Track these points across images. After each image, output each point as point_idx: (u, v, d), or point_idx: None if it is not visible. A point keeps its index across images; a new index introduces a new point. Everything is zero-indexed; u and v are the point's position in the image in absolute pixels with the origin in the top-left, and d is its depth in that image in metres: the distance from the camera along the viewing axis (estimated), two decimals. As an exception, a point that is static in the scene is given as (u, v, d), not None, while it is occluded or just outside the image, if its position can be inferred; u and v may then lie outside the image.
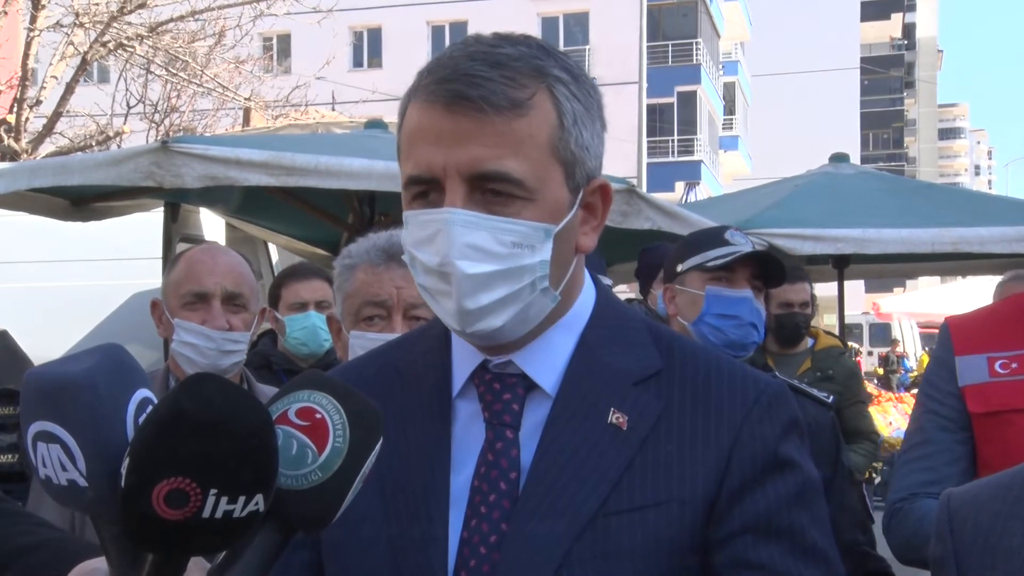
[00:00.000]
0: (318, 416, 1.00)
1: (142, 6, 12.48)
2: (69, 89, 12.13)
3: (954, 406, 2.03)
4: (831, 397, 2.83)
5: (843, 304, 7.64)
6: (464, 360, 1.34)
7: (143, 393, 0.99)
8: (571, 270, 1.31)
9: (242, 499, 0.91)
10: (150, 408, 0.95)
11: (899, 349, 25.99)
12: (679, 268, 2.80)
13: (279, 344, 4.08)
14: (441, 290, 1.24)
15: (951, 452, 2.03)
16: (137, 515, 0.90)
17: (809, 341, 5.14)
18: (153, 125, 14.34)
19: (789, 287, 4.84)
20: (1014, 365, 2.00)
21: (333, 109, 16.93)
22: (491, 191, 1.22)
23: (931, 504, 2.00)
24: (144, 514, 0.90)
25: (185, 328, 2.44)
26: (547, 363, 1.31)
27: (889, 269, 9.16)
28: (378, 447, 1.03)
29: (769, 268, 2.76)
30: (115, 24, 12.34)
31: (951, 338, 2.09)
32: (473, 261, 1.21)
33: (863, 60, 53.16)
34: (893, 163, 59.03)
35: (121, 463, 0.92)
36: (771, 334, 4.96)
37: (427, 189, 1.24)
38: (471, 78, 1.20)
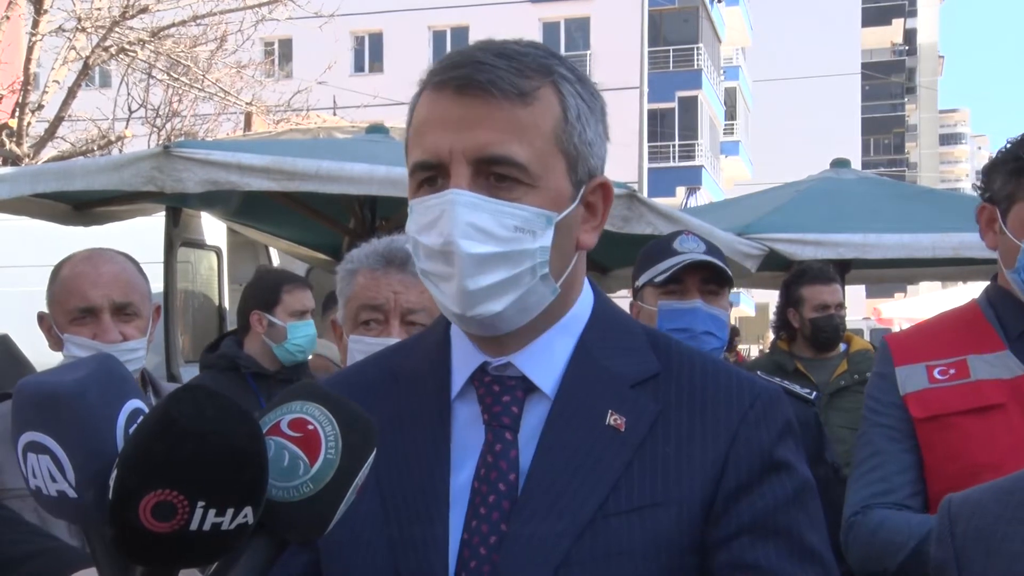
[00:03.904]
0: (310, 427, 0.99)
1: (144, 11, 12.49)
2: (71, 94, 12.13)
3: (898, 416, 2.08)
4: (814, 394, 2.80)
5: (844, 309, 7.62)
6: (463, 362, 1.35)
7: (134, 404, 0.98)
8: (571, 265, 1.33)
9: (230, 512, 0.90)
10: (141, 419, 0.94)
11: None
12: (636, 284, 2.76)
13: (245, 346, 3.95)
14: (442, 273, 1.26)
15: (900, 461, 2.06)
16: (125, 527, 0.89)
17: (842, 346, 5.00)
18: (155, 130, 14.37)
19: (824, 288, 4.80)
20: (952, 371, 2.06)
21: (334, 114, 16.91)
22: (495, 175, 1.24)
23: (885, 514, 2.02)
24: (132, 526, 0.89)
25: (76, 343, 2.33)
26: (546, 365, 1.32)
27: (890, 274, 9.15)
28: (371, 459, 1.02)
29: (719, 271, 2.68)
30: (117, 29, 12.34)
31: (890, 352, 2.15)
32: (475, 241, 1.23)
33: (864, 65, 53.17)
34: (894, 168, 59.07)
35: (110, 474, 0.91)
36: (806, 340, 4.86)
37: (433, 175, 1.27)
38: (480, 64, 1.24)
